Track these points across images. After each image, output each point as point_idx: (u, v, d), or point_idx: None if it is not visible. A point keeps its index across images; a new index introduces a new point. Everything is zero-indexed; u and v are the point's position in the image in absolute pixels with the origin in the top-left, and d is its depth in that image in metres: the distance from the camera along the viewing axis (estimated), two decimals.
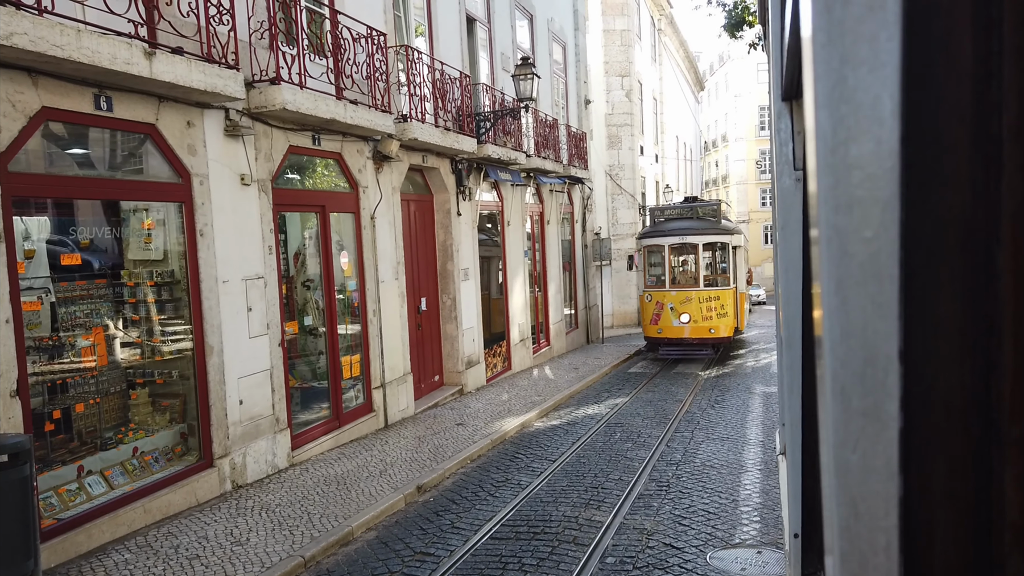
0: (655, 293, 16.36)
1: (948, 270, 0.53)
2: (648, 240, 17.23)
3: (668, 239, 16.66)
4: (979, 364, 0.53)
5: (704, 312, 15.88)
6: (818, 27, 0.54)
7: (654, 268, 17.27)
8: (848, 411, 0.55)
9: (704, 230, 16.54)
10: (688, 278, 17.20)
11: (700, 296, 15.98)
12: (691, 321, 15.94)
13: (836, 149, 0.54)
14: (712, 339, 16.07)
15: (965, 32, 0.52)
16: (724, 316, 15.97)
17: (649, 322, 16.49)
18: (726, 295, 16.12)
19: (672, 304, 16.03)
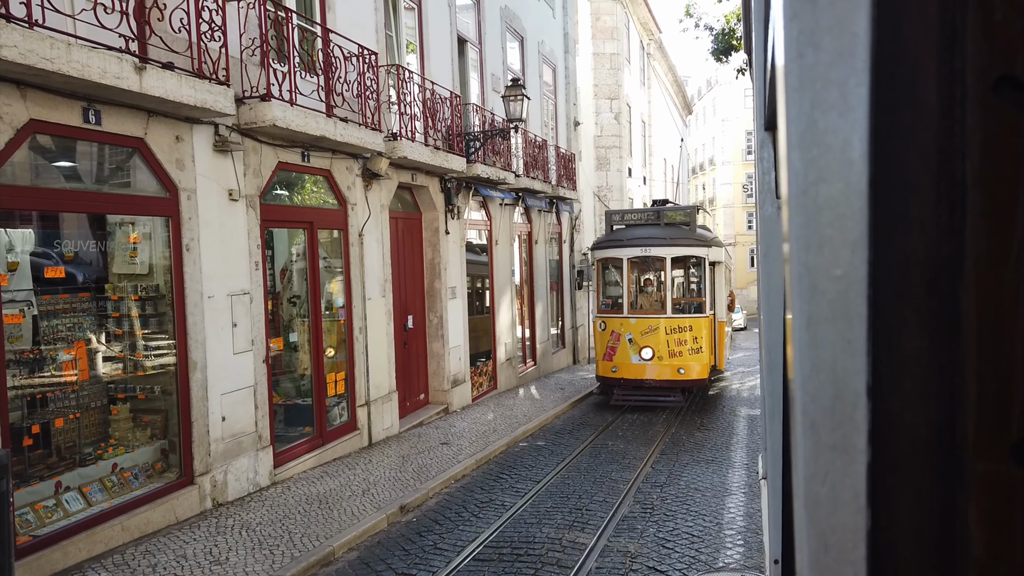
0: (611, 320, 13.06)
1: (915, 310, 0.54)
2: (603, 251, 13.68)
3: (628, 250, 13.11)
4: (944, 401, 0.54)
5: (672, 347, 12.58)
6: (790, 71, 0.56)
7: (610, 288, 14.09)
8: (818, 445, 0.56)
9: (674, 240, 13.04)
10: (653, 302, 13.61)
11: (668, 326, 12.66)
12: (655, 358, 12.60)
13: (807, 189, 0.56)
14: (682, 382, 12.63)
15: (930, 80, 0.54)
16: (698, 352, 12.63)
17: (602, 356, 13.04)
18: (701, 325, 12.79)
19: (631, 335, 12.71)
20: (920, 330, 0.55)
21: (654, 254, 13.06)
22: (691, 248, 13.13)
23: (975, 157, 0.54)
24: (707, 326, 12.92)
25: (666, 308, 12.98)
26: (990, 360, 0.53)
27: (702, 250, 13.15)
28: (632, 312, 13.13)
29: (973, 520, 0.53)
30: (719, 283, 13.98)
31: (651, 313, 13.15)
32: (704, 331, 12.80)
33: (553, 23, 18.86)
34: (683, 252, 13.17)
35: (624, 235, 13.45)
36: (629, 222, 13.87)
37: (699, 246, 13.12)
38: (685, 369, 12.55)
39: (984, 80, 0.53)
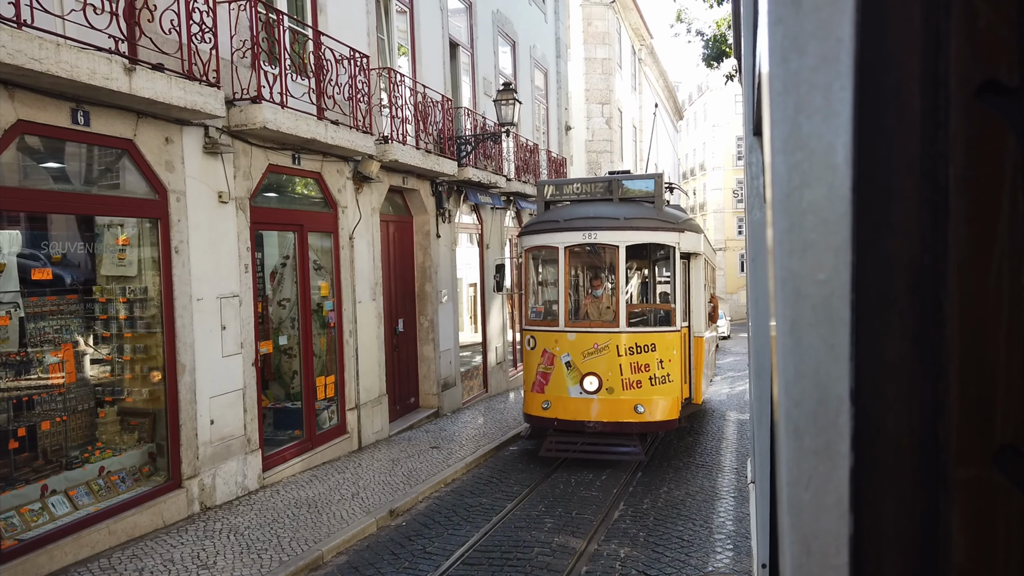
0: (542, 334, 9.34)
1: (898, 314, 0.54)
2: (533, 238, 9.80)
3: (565, 236, 9.32)
4: (927, 407, 0.54)
5: (627, 374, 8.87)
6: (775, 75, 0.56)
7: (545, 290, 10.51)
8: (801, 450, 0.56)
9: (632, 221, 9.16)
10: (603, 310, 9.62)
11: (622, 344, 8.93)
12: (603, 390, 8.84)
13: (791, 194, 0.56)
14: (641, 425, 8.89)
15: (914, 85, 0.54)
16: (664, 383, 8.96)
17: (531, 386, 9.33)
18: (669, 343, 9.10)
19: (570, 356, 8.99)
20: (903, 335, 0.55)
21: (603, 240, 9.12)
22: (655, 233, 9.22)
23: (958, 162, 0.54)
24: (678, 344, 9.16)
25: (619, 319, 8.98)
26: (973, 365, 0.53)
27: (671, 235, 9.22)
28: (572, 324, 9.22)
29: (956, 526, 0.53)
30: (697, 283, 9.95)
31: (598, 326, 9.13)
32: (674, 351, 9.06)
33: (545, 28, 18.91)
34: (644, 238, 9.19)
35: (562, 215, 9.51)
36: (571, 197, 9.89)
37: (667, 230, 9.21)
38: (646, 406, 8.75)
39: (967, 85, 0.53)
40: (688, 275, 9.88)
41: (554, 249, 9.55)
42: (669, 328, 9.38)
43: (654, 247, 10.01)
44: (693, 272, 9.96)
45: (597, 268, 10.60)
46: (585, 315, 9.76)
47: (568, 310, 9.50)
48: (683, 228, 9.54)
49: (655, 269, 11.52)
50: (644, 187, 9.66)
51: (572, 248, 9.47)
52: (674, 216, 9.72)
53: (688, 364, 9.73)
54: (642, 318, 10.03)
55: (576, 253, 9.93)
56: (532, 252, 10.09)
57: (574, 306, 10.08)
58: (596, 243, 9.37)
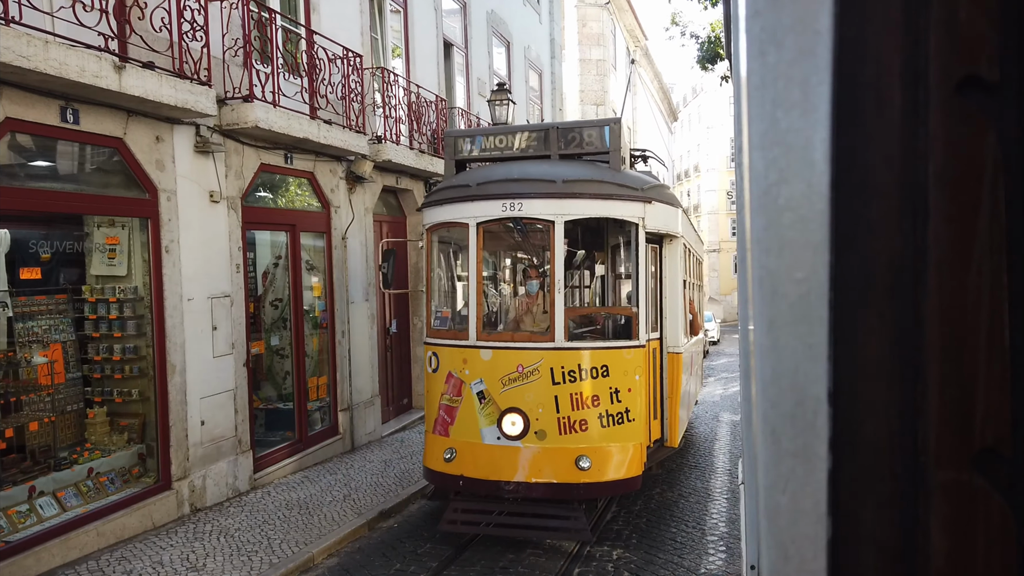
0: (446, 351, 6.69)
1: (877, 314, 0.53)
2: (435, 211, 7.04)
3: (478, 207, 6.56)
4: (906, 409, 0.53)
5: (567, 411, 6.22)
6: (752, 70, 0.55)
7: (451, 286, 8.11)
8: (778, 452, 0.55)
9: (574, 186, 6.39)
10: (537, 315, 7.12)
11: (558, 365, 6.24)
12: (529, 434, 6.22)
13: (769, 190, 0.55)
14: (584, 488, 6.21)
15: (894, 80, 0.53)
16: (621, 423, 6.34)
17: (431, 427, 6.75)
18: (627, 364, 6.45)
19: (484, 384, 6.36)
20: (882, 335, 0.53)
21: (531, 213, 6.35)
22: (608, 203, 6.42)
23: (938, 159, 0.53)
24: (642, 365, 6.50)
25: (555, 329, 6.22)
26: (952, 367, 0.52)
27: (631, 207, 6.45)
28: (487, 336, 6.51)
29: (934, 529, 0.52)
30: (672, 277, 7.30)
31: (525, 339, 6.41)
32: (635, 376, 6.39)
33: (539, 28, 18.91)
34: (591, 209, 6.45)
35: (474, 178, 6.70)
36: (491, 152, 7.08)
37: (626, 198, 6.43)
38: (593, 459, 6.08)
39: (948, 80, 0.52)
40: (660, 266, 7.19)
41: (463, 227, 6.55)
42: (629, 343, 6.43)
43: (610, 225, 7.50)
44: (667, 261, 7.20)
45: (527, 250, 7.97)
46: (516, 324, 7.03)
47: (481, 316, 6.47)
48: (650, 197, 6.49)
49: (609, 255, 8.38)
50: (595, 139, 6.67)
51: (487, 225, 6.53)
52: (637, 180, 6.64)
53: (659, 392, 7.06)
54: (591, 328, 7.19)
55: (494, 233, 7.36)
56: (435, 232, 7.14)
57: (491, 310, 7.59)
58: (522, 217, 6.38)
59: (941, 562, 0.52)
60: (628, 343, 6.53)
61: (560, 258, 6.36)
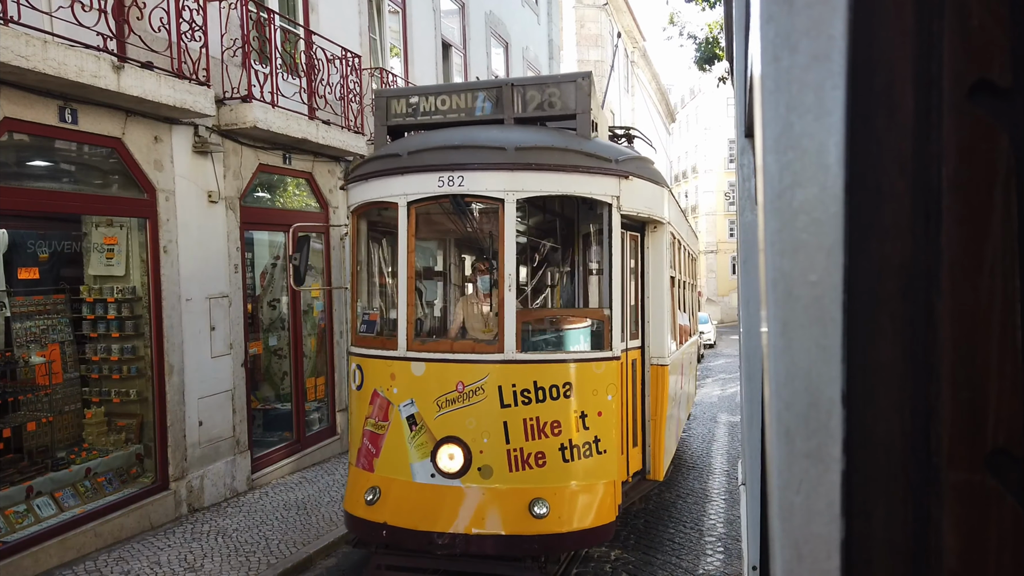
0: (371, 363, 5.39)
1: (890, 316, 0.54)
2: (360, 188, 5.63)
3: (410, 181, 5.19)
4: (919, 410, 0.53)
5: (519, 441, 4.91)
6: (766, 74, 0.55)
7: (379, 280, 6.37)
8: (792, 453, 0.55)
9: (529, 155, 5.01)
10: (477, 320, 5.86)
11: (507, 383, 4.93)
12: (471, 471, 4.89)
13: (783, 193, 0.55)
14: (540, 540, 4.82)
15: (907, 85, 0.53)
16: (588, 455, 5.06)
17: (354, 459, 5.57)
18: (596, 381, 5.16)
19: (415, 406, 5.05)
20: (895, 337, 0.54)
21: (474, 189, 5.12)
22: (573, 176, 5.19)
23: (951, 163, 0.53)
24: (615, 382, 5.29)
25: (504, 337, 5.01)
26: (965, 368, 0.53)
27: (603, 182, 5.29)
28: (420, 346, 5.25)
29: (947, 530, 0.52)
30: (657, 272, 6.19)
31: (466, 349, 5.19)
32: (607, 396, 5.20)
33: (538, 29, 18.93)
34: (551, 185, 5.17)
35: (407, 146, 5.39)
36: (433, 117, 5.71)
37: (595, 172, 5.25)
38: (552, 503, 4.89)
39: (960, 86, 0.53)
40: (642, 259, 6.05)
41: (392, 207, 5.28)
42: (599, 354, 5.20)
43: (580, 208, 6.27)
44: (651, 253, 6.07)
45: (475, 237, 6.40)
46: (459, 331, 5.81)
47: (413, 321, 5.20)
48: (626, 171, 5.29)
49: (589, 252, 6.48)
50: (560, 99, 5.38)
51: (421, 205, 5.22)
52: (610, 149, 5.41)
53: (640, 414, 5.92)
54: (552, 336, 5.58)
55: (432, 216, 6.00)
56: (363, 215, 5.78)
57: (425, 313, 6.40)
58: (464, 195, 5.11)
59: (953, 562, 0.52)
60: (598, 354, 5.23)
61: (511, 247, 4.98)
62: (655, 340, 6.16)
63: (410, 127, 5.79)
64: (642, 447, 6.06)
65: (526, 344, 5.20)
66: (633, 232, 5.93)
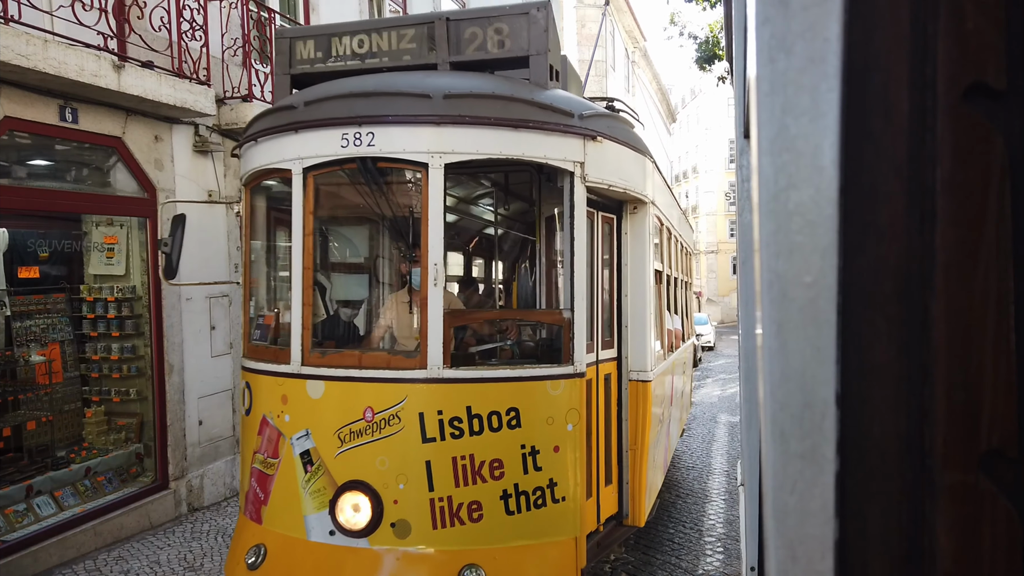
0: (260, 380, 4.15)
1: (884, 318, 0.54)
2: (253, 151, 4.28)
3: (305, 141, 3.93)
4: (913, 411, 0.53)
5: (446, 488, 3.71)
6: (762, 76, 0.56)
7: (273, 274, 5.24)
8: (787, 454, 0.55)
9: (463, 104, 3.78)
10: (407, 325, 4.50)
11: (429, 408, 3.72)
12: (382, 528, 3.67)
13: (778, 195, 0.55)
14: None
15: (901, 87, 0.54)
16: (539, 505, 3.85)
17: (243, 506, 4.27)
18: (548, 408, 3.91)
19: (311, 439, 3.85)
20: (889, 338, 0.54)
21: (389, 150, 3.81)
22: (520, 134, 3.86)
23: (946, 165, 0.53)
24: (577, 406, 4.03)
25: (428, 347, 3.77)
26: (959, 370, 0.53)
27: (562, 144, 3.99)
28: (319, 358, 3.97)
29: (941, 531, 0.53)
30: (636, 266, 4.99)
31: (378, 363, 3.88)
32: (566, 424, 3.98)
33: None
34: (489, 144, 3.85)
35: (308, 95, 4.09)
36: (349, 63, 4.48)
37: (552, 129, 3.93)
38: (490, 570, 3.68)
39: (955, 88, 0.53)
40: (619, 247, 4.92)
41: (285, 175, 4.08)
42: (555, 369, 4.00)
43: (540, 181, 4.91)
44: (630, 240, 4.92)
45: (397, 225, 5.01)
46: (373, 339, 4.65)
47: (310, 326, 4.03)
48: (594, 131, 4.11)
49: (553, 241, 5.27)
50: (509, 37, 4.23)
51: (322, 173, 4.04)
52: (572, 102, 4.19)
53: (613, 444, 4.84)
54: (493, 346, 4.64)
55: (342, 188, 4.63)
56: (257, 189, 4.67)
57: (330, 315, 5.05)
58: (375, 158, 3.90)
59: (947, 563, 0.52)
60: (555, 370, 3.96)
61: (437, 228, 3.75)
62: (635, 350, 4.93)
63: (320, 76, 4.40)
64: (618, 484, 4.87)
65: (458, 357, 3.98)
66: (607, 213, 4.76)
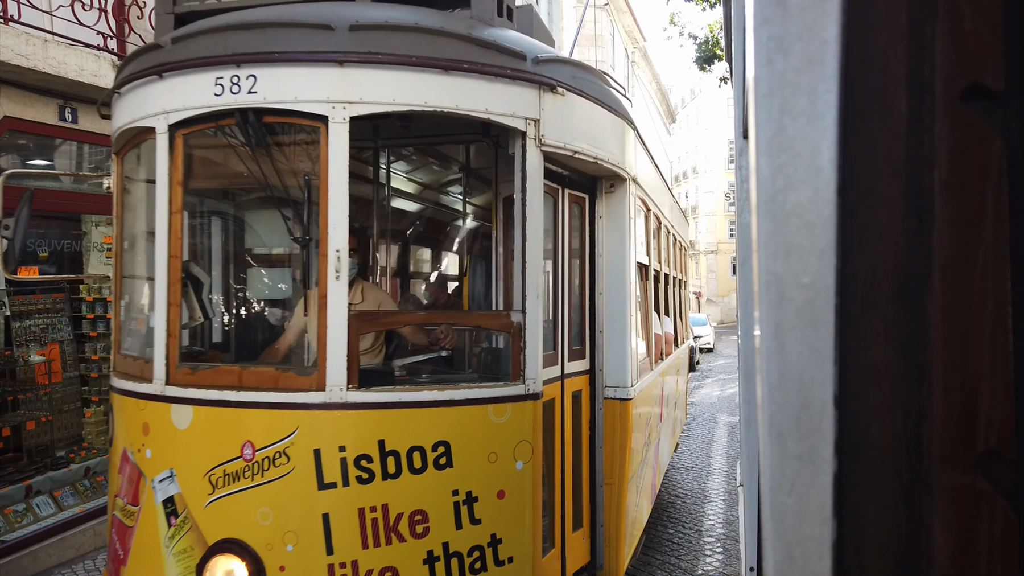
0: (122, 404, 3.26)
1: (882, 319, 0.54)
2: (120, 104, 3.37)
3: (175, 86, 3.01)
4: (911, 412, 0.53)
5: (351, 549, 2.81)
6: (760, 77, 0.56)
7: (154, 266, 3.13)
8: (784, 455, 0.55)
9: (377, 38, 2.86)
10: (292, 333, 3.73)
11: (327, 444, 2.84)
12: None
13: (775, 196, 0.55)
14: None
15: (899, 88, 0.54)
16: (477, 571, 2.97)
17: (108, 566, 3.32)
18: (489, 442, 3.03)
19: (175, 484, 2.96)
20: (887, 339, 0.54)
21: (276, 98, 2.88)
22: (451, 79, 2.94)
23: (943, 166, 0.53)
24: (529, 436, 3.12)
25: (326, 362, 2.85)
26: (957, 370, 0.53)
27: (510, 95, 3.09)
28: (188, 374, 3.04)
29: (938, 532, 0.53)
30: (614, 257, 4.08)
31: (261, 385, 2.93)
32: (515, 462, 3.09)
33: None
34: (410, 92, 2.91)
35: (182, 31, 3.18)
36: None
37: (496, 74, 3.02)
38: None
39: (953, 89, 0.53)
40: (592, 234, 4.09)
41: (149, 132, 3.17)
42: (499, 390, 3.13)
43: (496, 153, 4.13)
44: (606, 225, 4.09)
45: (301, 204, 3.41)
46: (264, 351, 4.05)
47: (175, 333, 3.10)
48: (553, 80, 3.25)
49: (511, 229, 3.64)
50: None
51: (192, 132, 3.15)
52: (526, 45, 3.28)
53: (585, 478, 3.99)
54: (418, 359, 4.00)
55: (218, 154, 3.71)
56: (126, 155, 3.72)
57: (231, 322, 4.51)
58: (259, 108, 2.95)
59: (945, 564, 0.53)
60: (498, 390, 3.10)
61: (340, 203, 2.87)
62: (612, 360, 4.05)
63: (212, 15, 3.27)
64: (590, 528, 3.97)
65: (371, 374, 3.12)
66: (576, 191, 3.91)
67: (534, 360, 3.16)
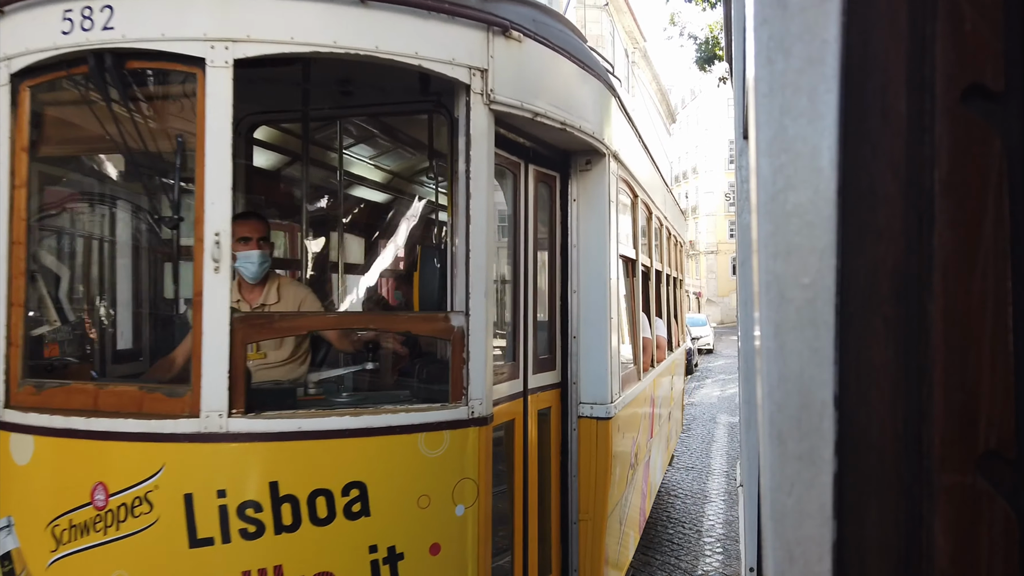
0: None
1: (882, 319, 0.54)
2: None
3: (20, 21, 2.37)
4: (911, 413, 0.53)
5: None
6: (760, 77, 0.56)
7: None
8: (784, 455, 0.55)
9: None
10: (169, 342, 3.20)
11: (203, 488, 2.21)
12: None
13: (776, 196, 0.55)
14: None
15: (899, 88, 0.54)
16: None
17: None
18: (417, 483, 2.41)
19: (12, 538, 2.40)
20: (887, 340, 0.54)
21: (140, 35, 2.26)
22: (370, 14, 2.33)
23: (943, 166, 0.53)
24: (469, 479, 2.52)
25: (201, 377, 2.22)
26: (957, 371, 0.53)
27: (448, 35, 2.47)
28: (30, 396, 2.43)
29: (938, 532, 0.53)
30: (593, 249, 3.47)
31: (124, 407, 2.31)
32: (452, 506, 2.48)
33: None
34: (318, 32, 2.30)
35: None
36: None
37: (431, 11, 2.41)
38: None
39: (953, 89, 0.53)
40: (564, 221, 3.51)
41: None
42: (432, 415, 2.47)
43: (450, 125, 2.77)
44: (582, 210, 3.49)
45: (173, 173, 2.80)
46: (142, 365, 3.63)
47: (16, 342, 2.48)
48: (505, 21, 2.58)
49: None
50: None
51: (40, 83, 2.51)
52: None
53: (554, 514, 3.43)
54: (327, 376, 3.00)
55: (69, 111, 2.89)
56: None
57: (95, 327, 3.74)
58: (115, 48, 2.28)
59: (945, 564, 0.53)
60: (432, 415, 2.49)
61: (221, 172, 2.26)
62: (589, 372, 3.46)
63: None
64: (561, 572, 3.43)
65: (269, 396, 2.48)
66: (544, 168, 3.33)
67: (479, 375, 2.50)
